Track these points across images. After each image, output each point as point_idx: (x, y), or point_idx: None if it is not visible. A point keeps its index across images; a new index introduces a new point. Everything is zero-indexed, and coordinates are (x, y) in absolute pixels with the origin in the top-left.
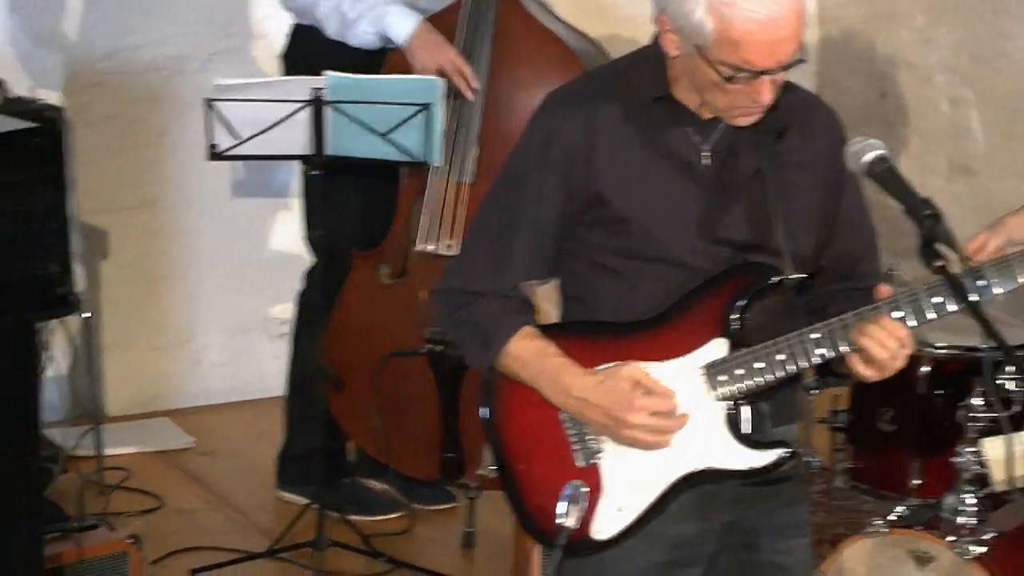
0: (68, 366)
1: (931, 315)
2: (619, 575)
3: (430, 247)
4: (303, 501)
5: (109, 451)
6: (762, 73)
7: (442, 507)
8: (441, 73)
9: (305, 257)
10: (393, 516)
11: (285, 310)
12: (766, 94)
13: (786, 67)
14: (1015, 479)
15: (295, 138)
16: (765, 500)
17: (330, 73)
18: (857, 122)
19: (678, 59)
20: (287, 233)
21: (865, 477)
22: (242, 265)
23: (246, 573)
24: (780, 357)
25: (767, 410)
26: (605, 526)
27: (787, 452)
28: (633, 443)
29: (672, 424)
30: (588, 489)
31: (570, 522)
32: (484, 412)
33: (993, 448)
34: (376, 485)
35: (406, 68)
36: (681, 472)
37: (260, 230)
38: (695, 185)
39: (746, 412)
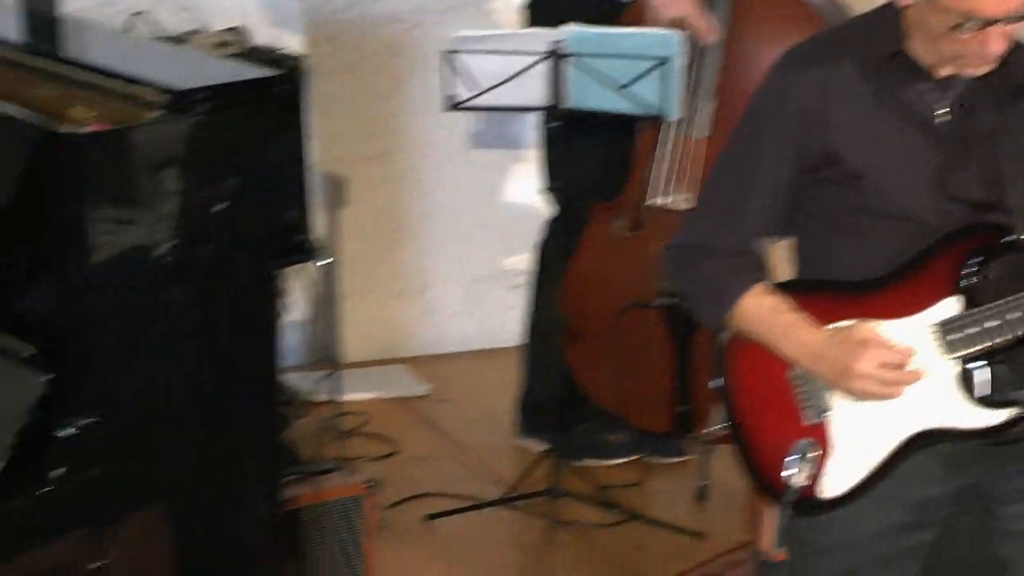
0: (308, 312)
1: None
2: (849, 534)
3: (665, 200)
4: (540, 448)
5: (347, 396)
6: (992, 22)
7: (675, 460)
8: (677, 24)
9: (539, 209)
10: (628, 460)
11: (520, 261)
12: (996, 44)
13: (1020, 18)
14: None
15: (533, 90)
16: (1006, 462)
17: (569, 26)
18: None
19: (910, 10)
20: (522, 185)
21: None
22: (478, 216)
23: (480, 520)
24: (1014, 316)
25: (1002, 370)
26: (833, 484)
27: (1021, 411)
28: (862, 395)
29: (901, 376)
30: (817, 447)
31: (798, 480)
32: (717, 383)
33: None
34: (611, 436)
35: (644, 22)
36: (911, 431)
37: (495, 181)
38: (929, 142)
39: (980, 372)
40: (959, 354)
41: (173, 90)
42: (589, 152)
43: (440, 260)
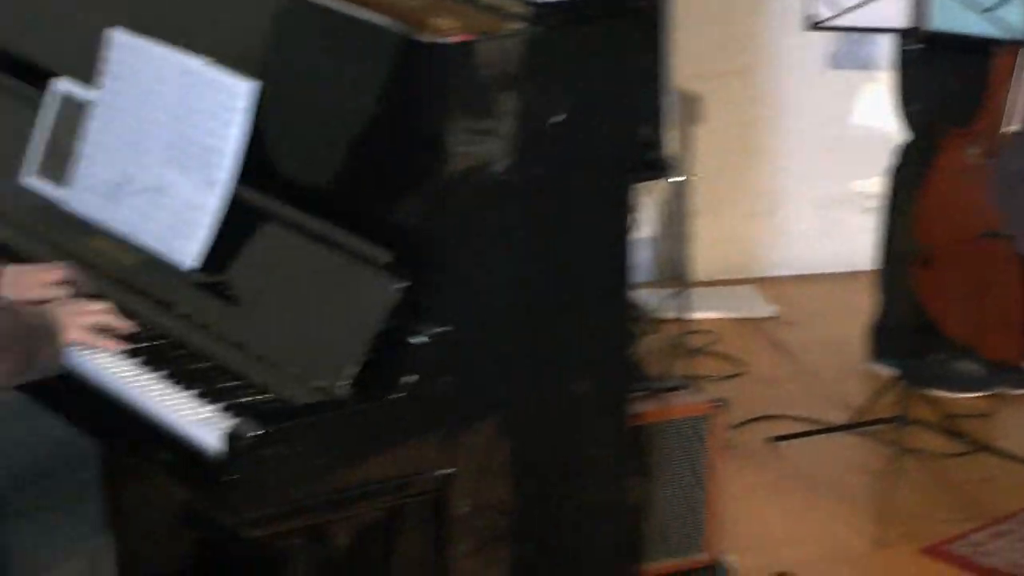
0: (659, 229)
1: None
2: None
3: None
4: (892, 374)
5: (695, 315)
6: None
7: None
8: None
9: (892, 132)
10: (978, 395)
11: (873, 184)
12: None
13: None
14: None
15: (894, 11)
16: None
17: None
18: None
19: None
20: (876, 107)
21: None
22: (832, 137)
23: (824, 444)
24: None
25: None
26: None
27: None
28: None
29: None
30: None
31: None
32: None
33: None
34: (963, 368)
35: None
36: None
37: (850, 103)
38: None
39: None
40: None
41: (537, 2)
42: (946, 76)
43: (792, 180)
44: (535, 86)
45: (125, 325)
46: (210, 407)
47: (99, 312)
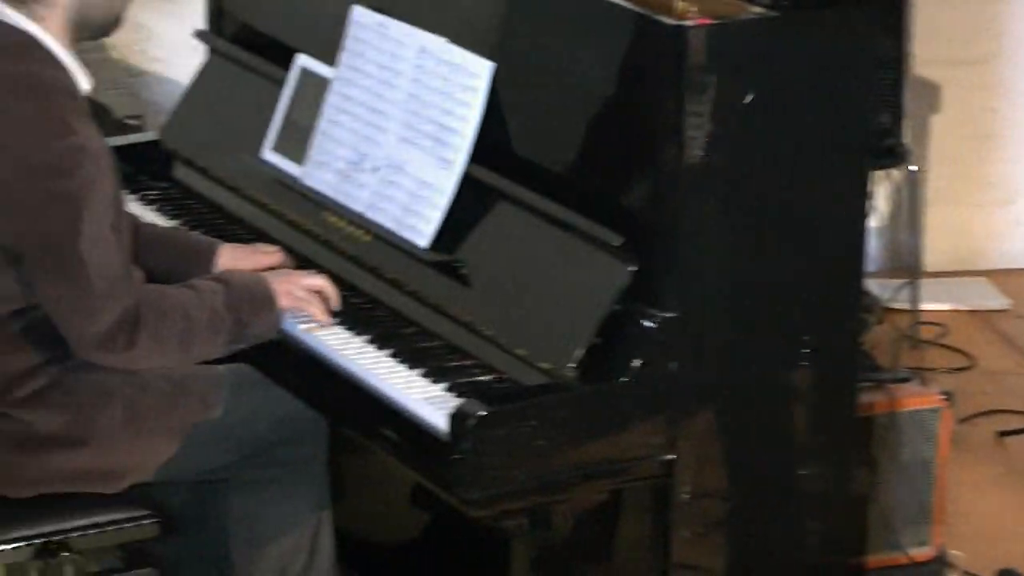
0: (890, 219)
1: None
2: None
3: None
4: None
5: (924, 306)
6: None
7: None
8: None
9: None
10: None
11: None
12: None
13: None
14: None
15: None
16: None
17: None
18: None
19: None
20: None
21: None
22: None
23: None
24: None
25: None
26: None
27: None
28: None
29: None
30: None
31: None
32: None
33: None
34: None
35: None
36: None
37: None
38: None
39: None
40: None
41: None
42: None
43: None
44: (773, 70)
45: (336, 295)
46: (436, 387)
47: (312, 281)
